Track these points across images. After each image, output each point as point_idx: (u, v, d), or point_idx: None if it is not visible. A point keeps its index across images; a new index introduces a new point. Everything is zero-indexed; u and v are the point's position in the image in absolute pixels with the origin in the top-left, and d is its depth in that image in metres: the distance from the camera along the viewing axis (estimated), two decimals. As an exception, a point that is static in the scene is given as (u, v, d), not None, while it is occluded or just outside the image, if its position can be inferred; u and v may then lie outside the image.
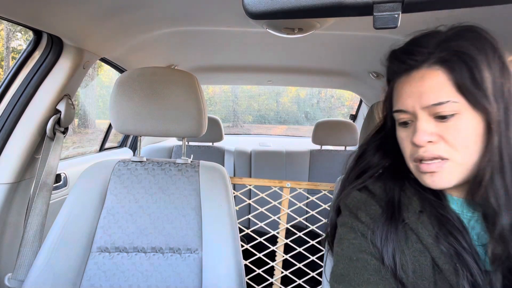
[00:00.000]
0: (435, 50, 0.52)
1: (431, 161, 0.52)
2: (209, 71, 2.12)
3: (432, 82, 0.51)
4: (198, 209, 0.98)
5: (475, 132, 0.51)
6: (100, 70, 2.90)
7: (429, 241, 0.54)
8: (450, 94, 0.50)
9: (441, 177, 0.53)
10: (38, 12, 0.87)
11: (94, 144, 2.28)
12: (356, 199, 0.63)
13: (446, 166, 0.52)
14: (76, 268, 0.89)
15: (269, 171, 2.26)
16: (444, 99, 0.50)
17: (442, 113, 0.51)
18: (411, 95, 0.53)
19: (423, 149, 0.53)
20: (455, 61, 0.50)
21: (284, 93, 5.39)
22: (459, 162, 0.52)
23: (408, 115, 0.54)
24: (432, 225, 0.55)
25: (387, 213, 0.58)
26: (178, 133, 1.02)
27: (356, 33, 1.28)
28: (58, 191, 1.40)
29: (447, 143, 0.52)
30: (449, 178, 0.53)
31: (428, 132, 0.52)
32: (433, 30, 0.55)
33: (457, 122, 0.51)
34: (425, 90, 0.51)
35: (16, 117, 1.08)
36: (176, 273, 0.92)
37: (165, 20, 1.18)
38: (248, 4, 0.38)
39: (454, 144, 0.51)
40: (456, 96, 0.50)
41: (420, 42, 0.54)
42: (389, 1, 0.35)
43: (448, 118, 0.51)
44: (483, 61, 0.50)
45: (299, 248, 1.46)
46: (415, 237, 0.56)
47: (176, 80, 1.00)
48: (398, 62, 0.56)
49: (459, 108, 0.50)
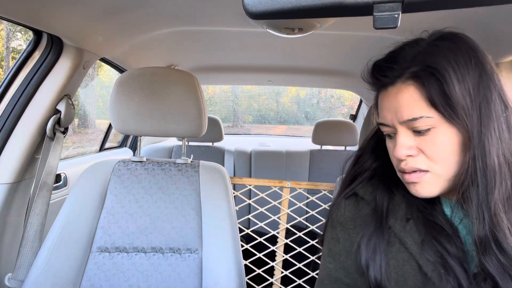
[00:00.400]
0: (410, 64, 0.52)
1: (410, 173, 0.54)
2: (209, 71, 2.12)
3: (406, 98, 0.52)
4: (198, 209, 0.98)
5: (452, 144, 0.51)
6: (100, 70, 2.90)
7: (415, 249, 0.54)
8: (423, 110, 0.51)
9: (422, 187, 0.54)
10: (38, 12, 0.87)
11: (94, 144, 2.28)
12: (340, 213, 0.64)
13: (426, 177, 0.53)
14: (76, 268, 0.89)
15: (269, 171, 2.26)
16: (417, 115, 0.51)
17: (417, 128, 0.52)
18: (389, 110, 0.54)
19: (404, 162, 0.54)
20: (425, 76, 0.50)
21: (284, 93, 5.39)
22: (439, 173, 0.53)
23: (390, 128, 0.55)
24: (418, 232, 0.55)
25: (375, 222, 0.59)
26: (178, 133, 1.02)
27: (356, 33, 1.28)
28: (58, 191, 1.40)
29: (425, 155, 0.52)
30: (430, 188, 0.54)
31: (407, 146, 0.53)
32: (413, 40, 0.55)
33: (433, 136, 0.51)
34: (400, 106, 0.52)
35: (16, 117, 1.08)
36: (176, 273, 0.92)
37: (165, 20, 1.18)
38: (248, 4, 0.38)
39: (432, 156, 0.52)
40: (429, 111, 0.50)
41: (395, 58, 0.54)
42: (389, 1, 0.35)
43: (424, 132, 0.51)
44: (454, 75, 0.49)
45: (299, 248, 1.46)
46: (400, 246, 0.56)
47: (176, 80, 1.00)
48: (374, 79, 0.57)
49: (434, 122, 0.51)
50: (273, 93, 5.34)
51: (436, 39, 0.53)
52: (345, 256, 0.61)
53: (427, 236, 0.54)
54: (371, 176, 0.64)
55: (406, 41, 0.56)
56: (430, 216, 0.56)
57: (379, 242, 0.57)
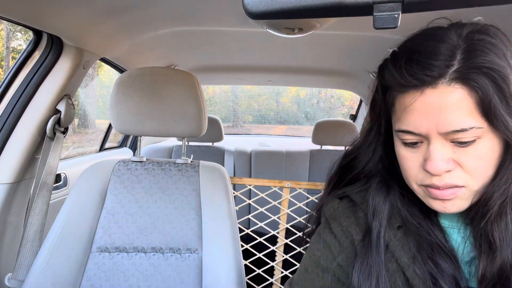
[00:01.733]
0: (452, 61, 0.42)
1: (443, 189, 0.46)
2: (209, 71, 2.12)
3: (453, 104, 0.42)
4: (198, 209, 0.98)
5: (494, 156, 0.45)
6: (100, 70, 2.90)
7: (405, 261, 0.50)
8: (474, 119, 0.42)
9: (453, 204, 0.47)
10: (38, 12, 0.87)
11: (94, 144, 2.28)
12: (333, 208, 0.60)
13: (460, 193, 0.46)
14: (76, 268, 0.89)
15: (269, 171, 2.26)
16: (467, 126, 0.42)
17: (462, 139, 0.43)
18: (426, 117, 0.44)
19: (437, 178, 0.45)
20: (479, 79, 0.41)
21: (284, 93, 5.40)
22: (474, 189, 0.46)
23: (418, 137, 0.46)
24: (409, 244, 0.51)
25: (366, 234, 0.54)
26: (178, 133, 1.02)
27: (356, 33, 1.28)
28: (58, 191, 1.40)
29: (464, 169, 0.45)
30: (462, 205, 0.47)
31: (445, 160, 0.44)
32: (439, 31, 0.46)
33: (476, 148, 0.44)
34: (445, 114, 0.43)
35: (16, 117, 1.08)
36: (176, 273, 0.92)
37: (165, 20, 1.18)
38: (248, 4, 0.38)
39: (472, 171, 0.45)
40: (480, 121, 0.42)
41: (431, 50, 0.44)
42: (389, 1, 0.35)
43: (468, 144, 0.44)
44: (509, 74, 0.42)
45: (299, 248, 1.46)
46: (390, 255, 0.52)
47: (176, 80, 1.01)
48: (408, 75, 0.44)
49: (482, 132, 0.43)
50: (273, 93, 5.35)
51: (475, 32, 0.44)
52: (340, 249, 0.57)
53: (418, 249, 0.51)
54: (366, 181, 0.59)
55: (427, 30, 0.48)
56: (425, 226, 0.52)
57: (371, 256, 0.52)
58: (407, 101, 0.46)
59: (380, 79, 0.51)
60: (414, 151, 0.48)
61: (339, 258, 0.57)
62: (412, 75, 0.44)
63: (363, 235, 0.55)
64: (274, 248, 1.46)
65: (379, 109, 0.54)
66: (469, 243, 0.51)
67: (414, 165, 0.48)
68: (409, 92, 0.45)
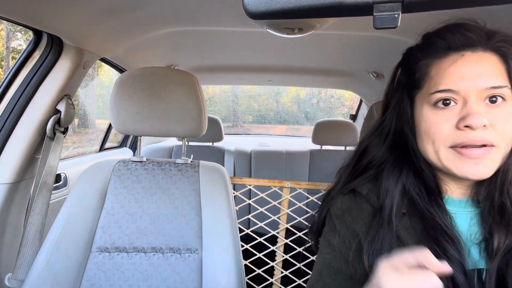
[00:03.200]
0: (485, 36, 0.52)
1: (478, 148, 0.50)
2: (209, 71, 2.12)
3: (490, 66, 0.51)
4: (198, 209, 0.98)
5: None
6: (100, 70, 2.90)
7: (409, 244, 0.54)
8: (505, 81, 0.51)
9: (485, 165, 0.51)
10: (38, 12, 0.87)
11: (94, 144, 2.28)
12: (336, 206, 0.63)
13: (492, 153, 0.51)
14: (76, 268, 0.89)
15: (269, 171, 2.26)
16: (502, 84, 0.50)
17: (498, 94, 0.50)
18: (466, 76, 0.51)
19: (474, 134, 0.50)
20: (507, 51, 0.52)
21: (284, 93, 5.39)
22: (503, 151, 0.51)
23: (456, 96, 0.52)
24: (414, 228, 0.55)
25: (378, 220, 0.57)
26: (178, 133, 1.02)
27: (356, 33, 1.28)
28: (58, 191, 1.40)
29: (495, 129, 0.50)
30: (492, 166, 0.51)
31: (482, 115, 0.50)
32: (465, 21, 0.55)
33: (506, 110, 0.51)
34: (484, 73, 0.51)
35: (16, 117, 1.08)
36: (176, 273, 0.92)
37: (165, 20, 1.18)
38: (248, 4, 0.38)
39: (502, 131, 0.50)
40: (508, 84, 0.51)
41: (474, 27, 0.53)
42: (389, 1, 0.35)
43: (499, 104, 0.51)
44: None
45: (299, 248, 1.46)
46: (398, 240, 0.55)
47: (176, 80, 1.00)
48: (451, 40, 0.53)
49: (509, 95, 0.51)
50: (273, 93, 5.34)
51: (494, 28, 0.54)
52: (345, 248, 0.60)
53: (423, 232, 0.54)
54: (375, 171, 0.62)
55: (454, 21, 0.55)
56: (431, 212, 0.55)
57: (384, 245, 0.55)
58: (448, 64, 0.53)
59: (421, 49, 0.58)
60: (445, 114, 0.52)
61: (346, 255, 0.60)
62: (454, 40, 0.53)
63: (372, 219, 0.58)
64: (274, 248, 1.46)
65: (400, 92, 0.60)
66: (477, 225, 0.54)
67: (446, 127, 0.52)
68: (450, 56, 0.53)
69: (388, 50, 1.47)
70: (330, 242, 0.62)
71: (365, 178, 0.63)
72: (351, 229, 0.60)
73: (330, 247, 0.62)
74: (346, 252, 0.60)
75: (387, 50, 1.47)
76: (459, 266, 0.51)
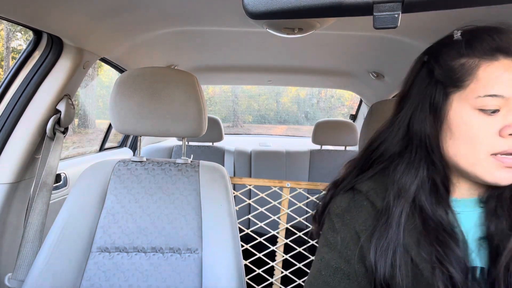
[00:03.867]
0: None
1: None
2: (209, 71, 2.12)
3: None
4: (198, 209, 0.98)
5: None
6: (100, 70, 2.90)
7: (410, 242, 0.55)
8: None
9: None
10: (38, 12, 0.87)
11: (94, 144, 2.28)
12: (336, 205, 0.64)
13: None
14: (76, 268, 0.89)
15: (269, 171, 2.26)
16: None
17: None
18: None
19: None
20: None
21: (284, 93, 5.39)
22: None
23: (504, 102, 0.51)
24: (415, 227, 0.55)
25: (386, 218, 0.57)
26: (178, 133, 1.02)
27: (356, 33, 1.28)
28: (58, 191, 1.40)
29: None
30: None
31: None
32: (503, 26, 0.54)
33: None
34: None
35: (16, 117, 1.08)
36: (176, 273, 0.92)
37: (165, 20, 1.18)
38: (248, 4, 0.38)
39: None
40: None
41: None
42: (389, 1, 0.35)
43: None
44: None
45: (299, 248, 1.46)
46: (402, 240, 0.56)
47: (176, 80, 1.01)
48: (502, 42, 0.51)
49: None
50: (273, 93, 5.34)
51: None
52: (344, 246, 0.61)
53: (425, 231, 0.54)
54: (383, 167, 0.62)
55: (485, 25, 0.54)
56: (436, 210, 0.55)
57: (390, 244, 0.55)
58: (501, 68, 0.51)
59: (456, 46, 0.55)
60: (490, 120, 0.51)
61: (345, 254, 0.60)
62: (504, 42, 0.51)
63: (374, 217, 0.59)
64: (274, 248, 1.46)
65: (432, 86, 0.56)
66: (481, 226, 0.55)
67: (489, 133, 0.51)
68: (500, 59, 0.51)
69: (388, 50, 1.47)
70: (329, 241, 0.62)
71: (367, 175, 0.63)
72: (351, 227, 0.60)
73: (329, 246, 0.62)
74: (346, 251, 0.60)
75: (387, 50, 1.47)
76: (459, 265, 0.51)
